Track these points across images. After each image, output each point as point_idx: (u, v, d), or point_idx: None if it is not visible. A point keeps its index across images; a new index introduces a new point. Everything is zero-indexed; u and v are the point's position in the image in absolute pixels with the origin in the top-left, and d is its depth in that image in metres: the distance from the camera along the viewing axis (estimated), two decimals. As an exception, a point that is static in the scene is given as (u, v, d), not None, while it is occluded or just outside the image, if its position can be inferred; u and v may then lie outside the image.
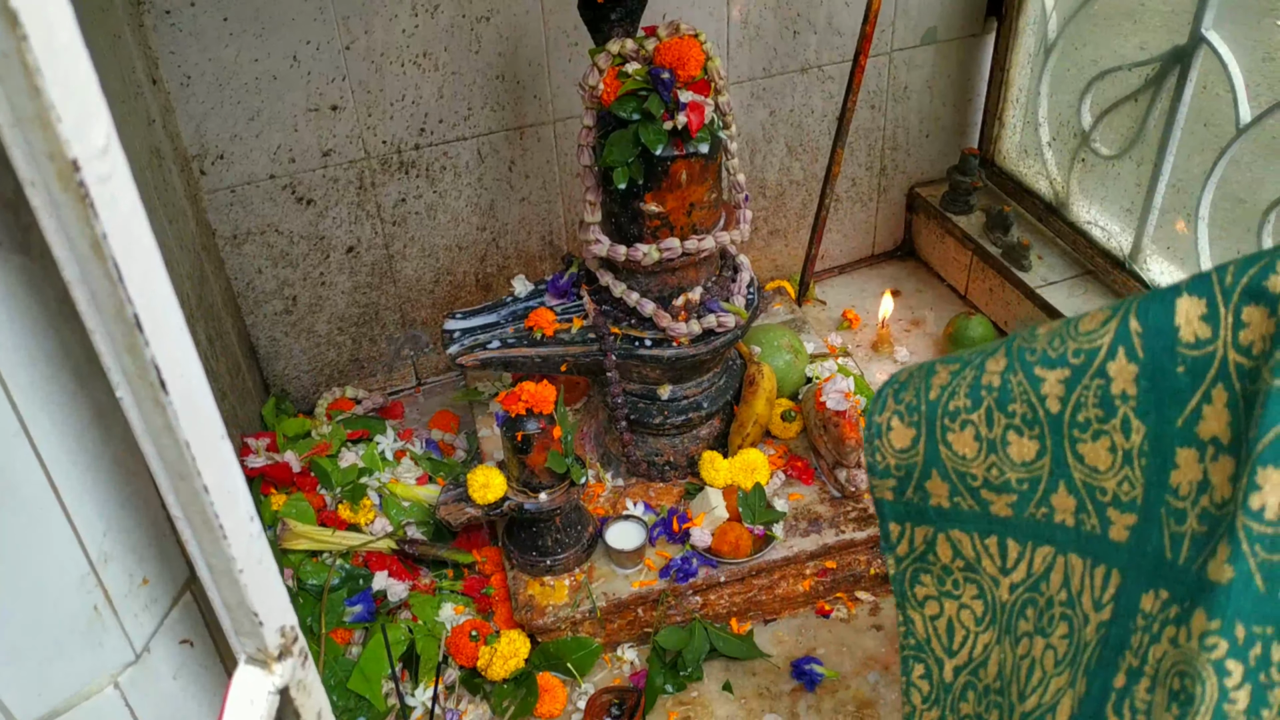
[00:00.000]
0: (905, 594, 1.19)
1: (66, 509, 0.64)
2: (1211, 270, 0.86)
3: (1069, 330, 0.96)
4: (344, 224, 2.14)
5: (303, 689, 0.57)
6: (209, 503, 0.49)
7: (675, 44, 1.62)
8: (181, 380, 0.45)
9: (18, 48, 0.35)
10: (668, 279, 1.79)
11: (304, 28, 1.89)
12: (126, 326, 0.42)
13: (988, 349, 1.04)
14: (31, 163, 0.48)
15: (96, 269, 0.41)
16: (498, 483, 1.76)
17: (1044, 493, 1.02)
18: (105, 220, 0.40)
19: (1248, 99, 1.87)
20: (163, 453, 0.47)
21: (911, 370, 1.12)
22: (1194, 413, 0.88)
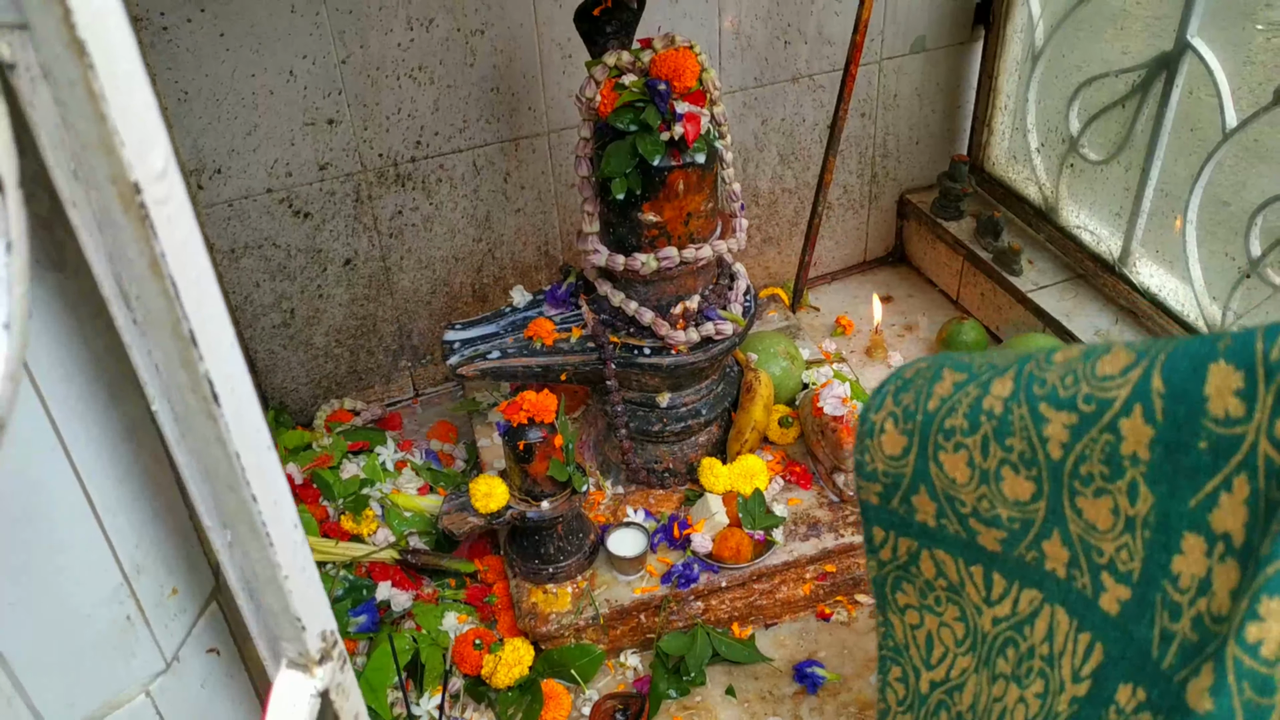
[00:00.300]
0: (886, 598, 1.12)
1: (101, 521, 0.66)
2: (1258, 335, 0.73)
3: (1086, 369, 0.85)
4: (341, 237, 2.15)
5: (342, 692, 0.59)
6: (257, 511, 0.50)
7: (671, 56, 1.64)
8: (232, 394, 0.47)
9: (84, 75, 0.37)
10: (666, 288, 1.81)
11: (300, 43, 1.91)
12: (182, 342, 0.44)
13: (998, 364, 0.94)
14: (79, 184, 0.49)
15: (153, 287, 0.42)
16: (500, 492, 1.78)
17: (1036, 536, 0.92)
18: (164, 240, 0.41)
19: (1233, 104, 1.90)
20: (211, 464, 0.49)
21: (919, 368, 1.02)
22: (1210, 497, 0.77)
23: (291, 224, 2.09)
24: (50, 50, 0.37)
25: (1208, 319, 2.06)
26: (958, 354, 1.03)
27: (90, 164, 0.39)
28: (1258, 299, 1.94)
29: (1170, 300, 2.14)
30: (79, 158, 0.42)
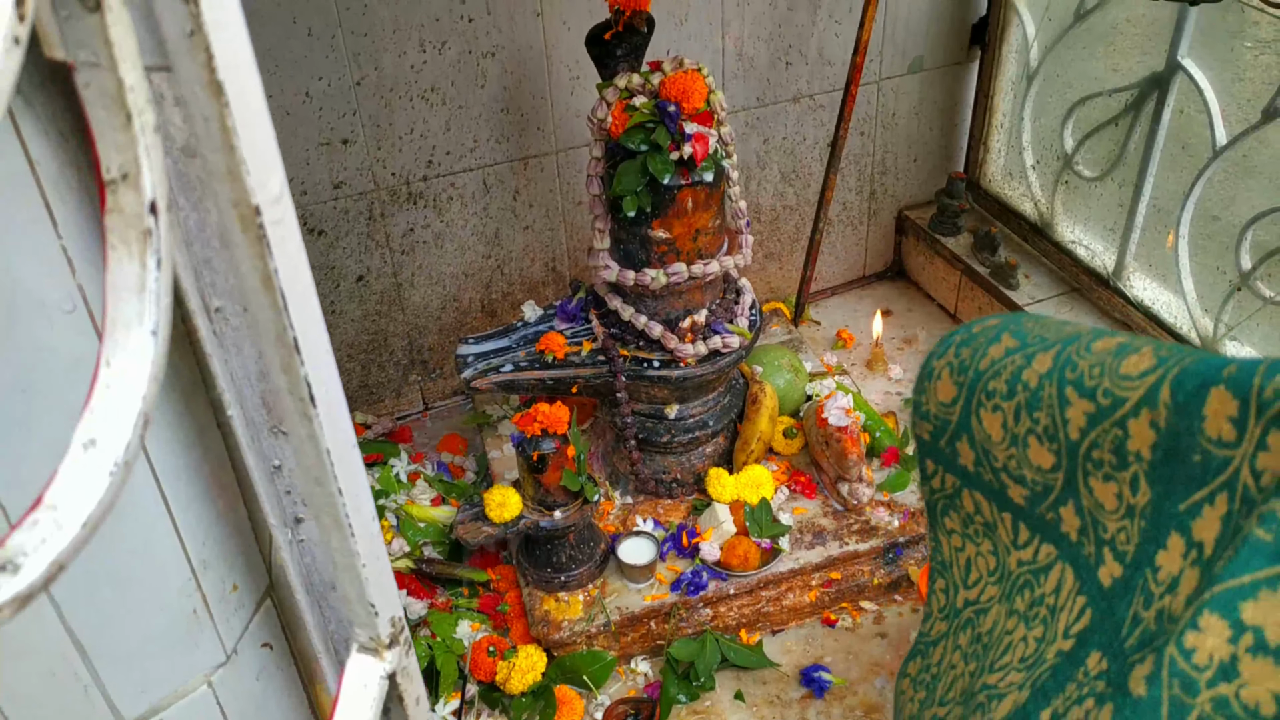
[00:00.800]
0: (937, 520, 1.20)
1: (175, 519, 0.70)
2: (1261, 368, 0.79)
3: (1112, 365, 0.92)
4: (354, 254, 2.20)
5: (407, 675, 0.63)
6: (342, 504, 0.55)
7: (680, 78, 1.70)
8: (327, 397, 0.52)
9: (219, 112, 0.41)
10: (674, 302, 1.86)
11: (316, 65, 1.96)
12: (286, 349, 0.49)
13: (1049, 339, 1.01)
14: (181, 223, 0.54)
15: (264, 299, 0.47)
16: (514, 501, 1.82)
17: (1055, 502, 1.00)
18: (277, 257, 0.46)
19: (1223, 122, 1.96)
20: (303, 460, 0.53)
21: (986, 325, 1.10)
22: (1196, 506, 0.84)
23: (306, 241, 2.13)
24: (190, 89, 0.42)
25: (1200, 331, 2.11)
26: (1026, 317, 1.10)
27: (214, 188, 0.44)
28: (1249, 311, 2.00)
29: (1163, 313, 2.20)
30: (202, 184, 0.47)
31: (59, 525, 0.40)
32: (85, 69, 0.39)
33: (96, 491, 0.41)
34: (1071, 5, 2.24)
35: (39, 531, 0.40)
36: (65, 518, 0.41)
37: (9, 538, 0.40)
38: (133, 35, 0.39)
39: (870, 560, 1.97)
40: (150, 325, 0.42)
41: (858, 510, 1.98)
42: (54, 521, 0.40)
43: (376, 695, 0.61)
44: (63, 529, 0.41)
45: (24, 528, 0.40)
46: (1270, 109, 1.86)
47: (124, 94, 0.39)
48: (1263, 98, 1.87)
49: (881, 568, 1.98)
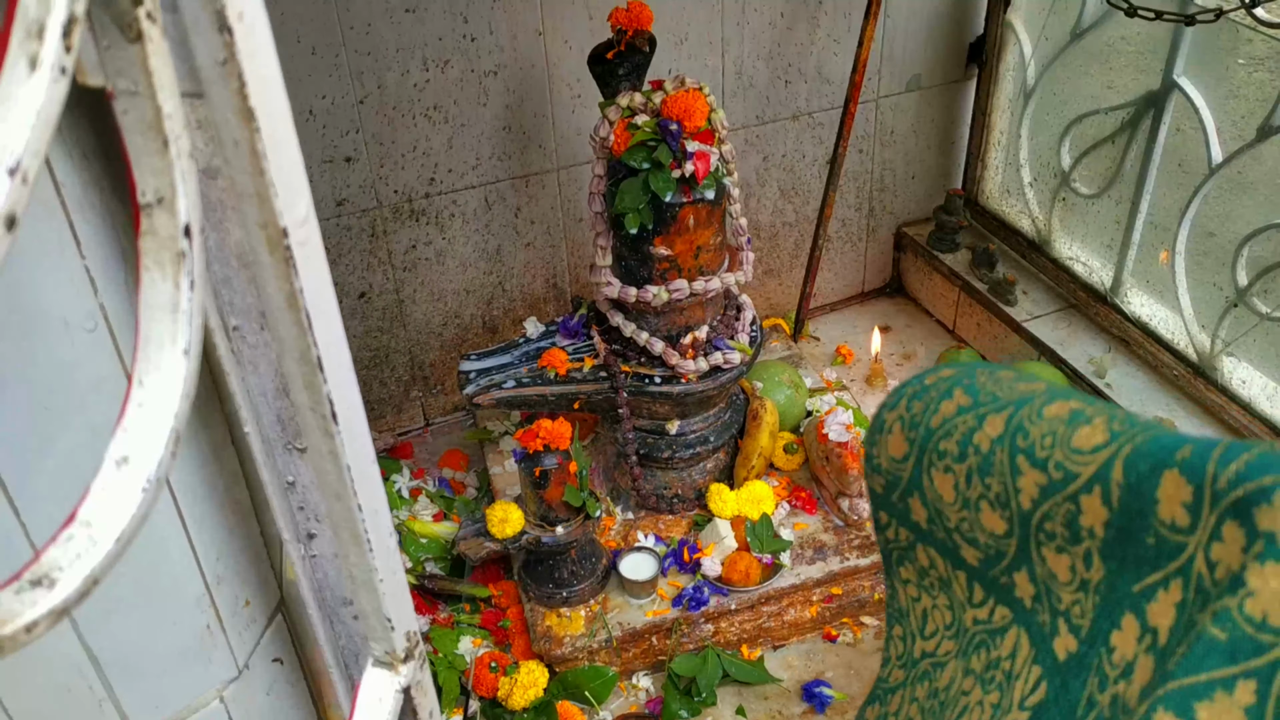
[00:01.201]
0: (891, 568, 1.17)
1: (190, 534, 0.71)
2: (1213, 457, 0.77)
3: (1065, 436, 0.89)
4: (356, 270, 2.21)
5: (421, 689, 0.64)
6: (360, 519, 0.56)
7: (682, 97, 1.71)
8: (348, 412, 0.53)
9: (250, 137, 0.43)
10: (675, 319, 1.87)
11: (319, 83, 1.97)
12: (309, 367, 0.50)
13: (1001, 399, 0.98)
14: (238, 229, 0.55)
15: (288, 318, 0.48)
16: (516, 517, 1.83)
17: (1008, 567, 0.97)
18: (303, 277, 0.47)
19: (1218, 140, 1.98)
20: (322, 476, 0.54)
21: (939, 377, 1.06)
22: (1150, 589, 0.82)
23: (309, 258, 2.15)
24: (222, 115, 0.43)
25: (1197, 347, 2.13)
26: (980, 370, 1.07)
27: (243, 211, 0.45)
28: (1245, 326, 2.01)
29: (1161, 329, 2.22)
30: (224, 205, 0.48)
31: (93, 541, 0.41)
32: (124, 97, 0.41)
33: (129, 508, 0.42)
34: (1068, 24, 2.26)
35: (73, 547, 0.41)
36: (99, 534, 0.42)
37: (44, 553, 0.41)
38: (170, 64, 0.40)
39: (871, 575, 1.97)
40: (183, 345, 0.43)
41: (858, 525, 1.99)
42: (88, 537, 0.41)
43: (392, 709, 0.61)
44: (97, 544, 0.41)
45: (59, 543, 0.41)
46: (1265, 127, 1.87)
47: (161, 121, 0.41)
48: (1257, 114, 1.89)
49: (882, 583, 1.98)
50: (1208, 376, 2.11)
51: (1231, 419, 2.07)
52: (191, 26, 0.41)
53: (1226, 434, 2.08)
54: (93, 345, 0.62)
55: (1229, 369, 2.08)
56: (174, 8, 0.41)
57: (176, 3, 0.41)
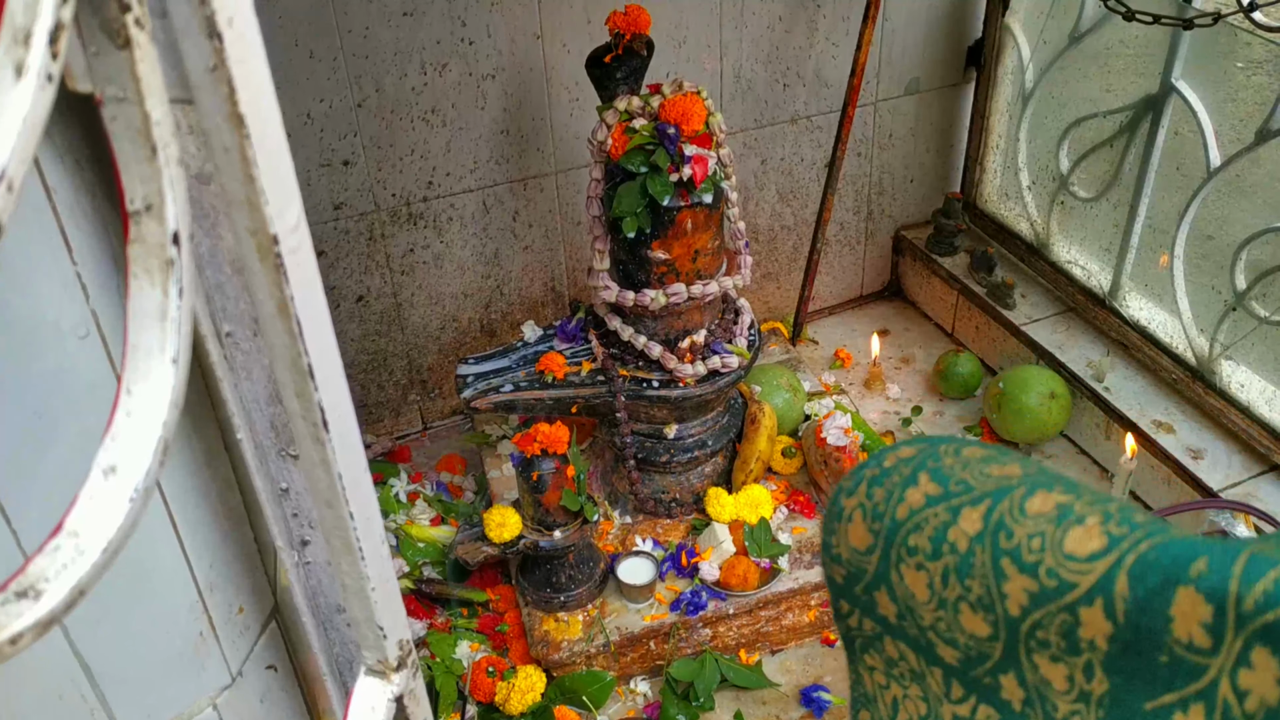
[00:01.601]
0: (855, 655, 1.04)
1: (182, 541, 0.71)
2: (1234, 575, 0.69)
3: (1055, 539, 0.80)
4: (354, 274, 2.21)
5: (414, 698, 0.63)
6: (353, 527, 0.55)
7: (679, 101, 1.71)
8: (339, 420, 0.52)
9: (240, 144, 0.42)
10: (673, 323, 1.87)
11: (317, 86, 1.97)
12: (300, 375, 0.49)
13: (975, 489, 0.87)
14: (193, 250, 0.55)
15: (279, 325, 0.48)
16: (513, 521, 1.82)
17: (993, 669, 0.87)
18: (293, 284, 0.47)
19: (1217, 144, 1.98)
20: (314, 484, 0.54)
21: (900, 458, 0.95)
22: (1165, 709, 0.73)
23: (306, 262, 2.14)
24: (212, 121, 0.43)
25: (1196, 351, 2.12)
26: (945, 448, 0.95)
27: (233, 217, 0.45)
28: (1244, 330, 2.01)
29: (1159, 333, 2.21)
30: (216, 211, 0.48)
31: (80, 551, 0.41)
32: (112, 103, 0.40)
33: (117, 518, 0.42)
34: (1066, 28, 2.26)
35: (60, 557, 0.41)
36: (86, 544, 0.41)
37: (30, 564, 0.41)
38: (159, 71, 0.40)
39: (869, 580, 1.97)
40: (171, 353, 0.42)
41: (856, 530, 1.98)
42: (75, 548, 0.41)
43: (384, 718, 0.61)
44: (84, 555, 0.41)
45: (45, 553, 0.41)
46: (1264, 130, 1.87)
47: (150, 127, 0.40)
48: (1256, 118, 1.89)
49: (880, 587, 1.98)
50: (1206, 380, 2.11)
51: (1230, 422, 2.06)
52: (181, 32, 0.41)
53: (1225, 437, 2.08)
54: (85, 351, 0.62)
55: (1228, 372, 2.08)
56: (163, 13, 0.41)
57: (166, 8, 0.41)
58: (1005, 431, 2.30)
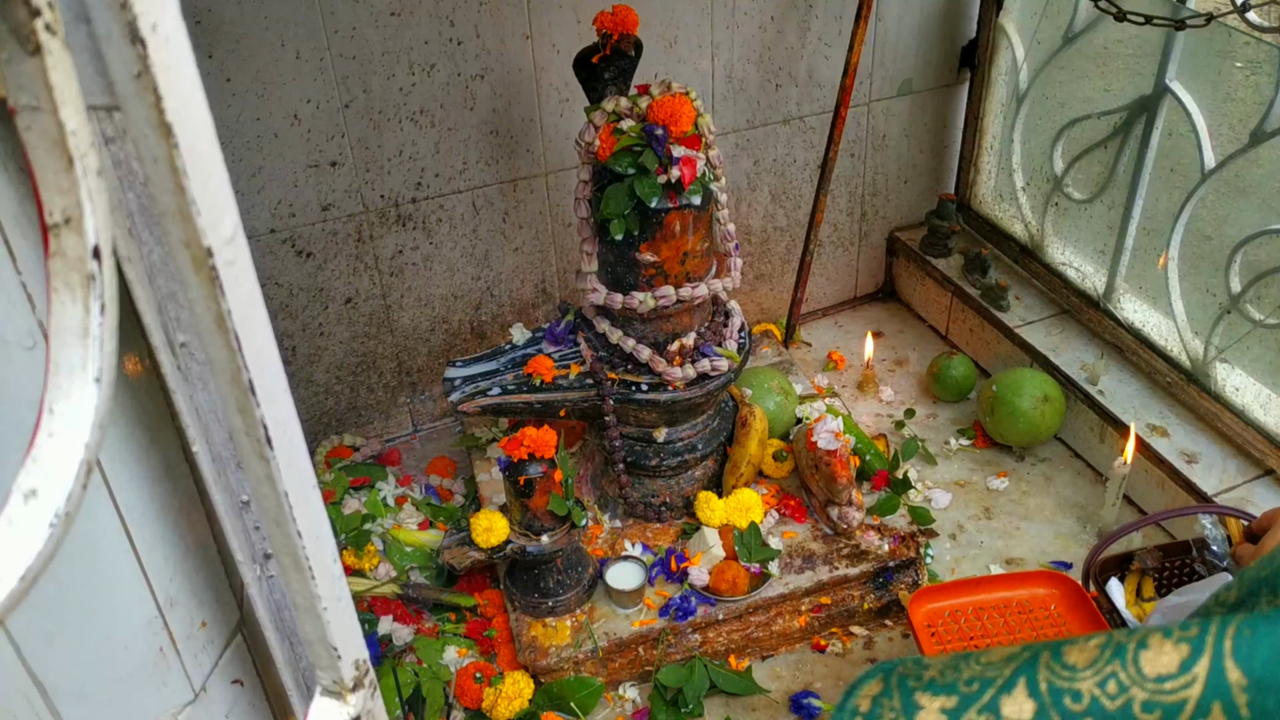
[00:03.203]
0: None
1: (140, 557, 0.69)
2: None
3: (1131, 672, 0.71)
4: (342, 276, 2.19)
5: (371, 718, 0.62)
6: (301, 546, 0.54)
7: (668, 102, 1.69)
8: (284, 437, 0.51)
9: (169, 154, 0.41)
10: (663, 325, 1.85)
11: (304, 87, 1.95)
12: (241, 391, 0.48)
13: (990, 677, 0.78)
14: (133, 241, 0.53)
15: (218, 340, 0.46)
16: (500, 526, 1.81)
17: None
18: (230, 298, 0.45)
19: (1211, 146, 1.96)
20: (261, 501, 0.52)
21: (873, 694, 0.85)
22: None
23: (294, 263, 2.13)
24: (139, 130, 0.41)
25: (1190, 354, 2.11)
26: (908, 666, 0.86)
27: (166, 229, 0.43)
28: (1239, 333, 1.99)
29: (1154, 335, 2.20)
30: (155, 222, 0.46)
31: (-4, 579, 0.40)
32: (26, 112, 0.39)
33: (36, 544, 0.40)
34: (1060, 28, 2.24)
35: (-25, 585, 0.39)
36: (3, 571, 0.40)
37: (-55, 591, 0.39)
38: (74, 79, 0.39)
39: (860, 585, 1.95)
40: (94, 372, 0.41)
41: (848, 534, 1.97)
42: (-8, 575, 0.40)
43: (341, 740, 0.60)
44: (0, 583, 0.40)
45: (-40, 580, 0.39)
46: (1258, 132, 1.85)
47: (65, 138, 0.39)
48: (1252, 117, 1.87)
49: (872, 592, 1.96)
50: (1201, 384, 2.09)
51: (1225, 426, 2.05)
52: (103, 38, 0.39)
53: (1219, 441, 2.06)
54: (31, 363, 0.60)
55: (1222, 376, 2.06)
56: (85, 18, 0.39)
57: (88, 12, 0.39)
58: (998, 434, 2.28)
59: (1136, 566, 1.76)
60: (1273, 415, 1.99)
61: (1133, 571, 1.76)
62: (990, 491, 2.23)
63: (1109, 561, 1.76)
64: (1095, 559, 1.74)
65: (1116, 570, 1.77)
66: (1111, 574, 1.76)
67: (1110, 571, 1.76)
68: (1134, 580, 1.76)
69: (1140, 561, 1.75)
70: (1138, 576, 1.76)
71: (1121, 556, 1.77)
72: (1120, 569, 1.77)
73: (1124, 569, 1.77)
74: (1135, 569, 1.76)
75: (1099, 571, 1.75)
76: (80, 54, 0.40)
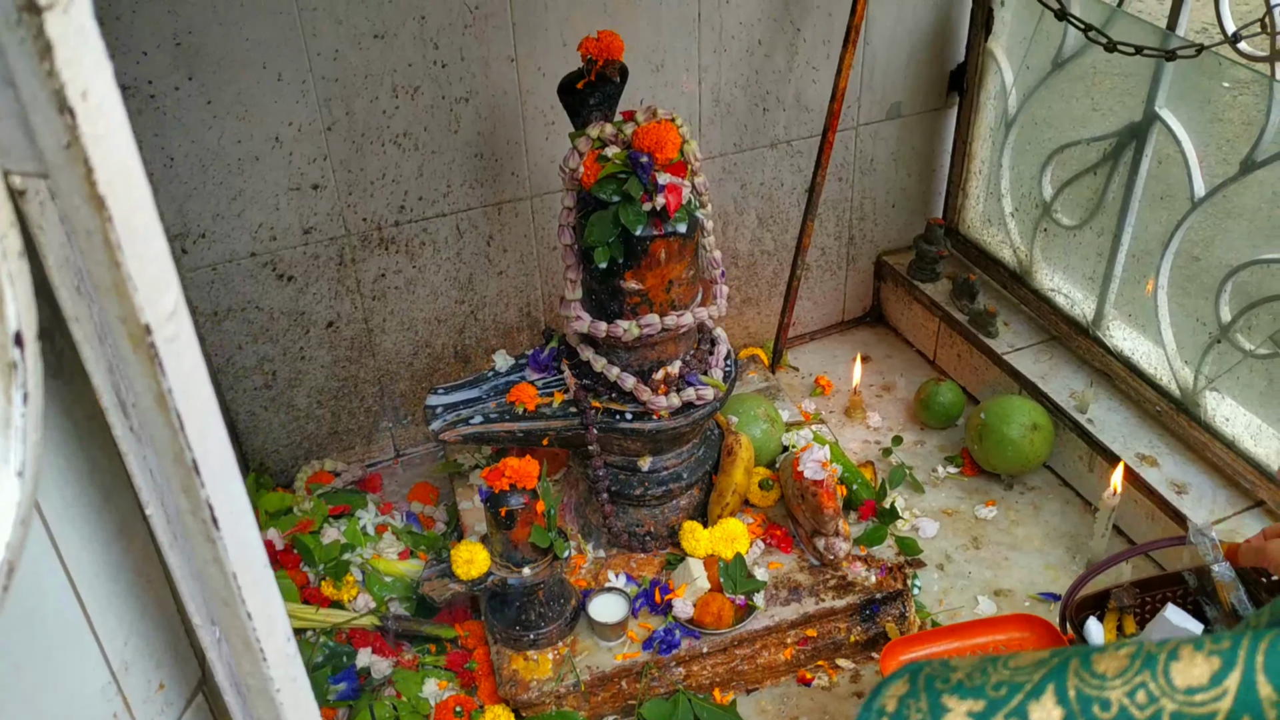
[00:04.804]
0: None
1: (91, 622, 0.66)
2: None
3: (1161, 684, 0.73)
4: (324, 299, 2.16)
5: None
6: (252, 628, 0.51)
7: (653, 128, 1.67)
8: (231, 517, 0.48)
9: (102, 227, 0.38)
10: (647, 353, 1.82)
11: (286, 110, 1.93)
12: (184, 470, 0.45)
13: (1018, 682, 0.79)
14: (81, 299, 0.51)
15: (159, 418, 0.43)
16: (481, 558, 1.77)
17: None
18: (170, 376, 0.42)
19: (1201, 173, 1.95)
20: (210, 581, 0.50)
21: (899, 695, 0.86)
22: None
23: (275, 287, 2.10)
24: (70, 201, 0.38)
25: (1180, 382, 2.09)
26: (936, 667, 0.87)
27: (103, 304, 0.41)
28: (1229, 363, 1.98)
29: (1143, 363, 2.18)
30: (92, 294, 0.43)
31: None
32: (-60, 190, 0.36)
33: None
34: (1049, 53, 2.23)
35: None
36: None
37: None
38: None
39: (847, 617, 1.92)
40: (16, 465, 0.38)
41: (834, 565, 1.94)
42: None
43: (297, 822, 0.57)
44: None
45: None
46: (1248, 161, 1.84)
47: (-19, 219, 0.36)
48: (1243, 138, 1.85)
49: (858, 625, 1.94)
50: (1191, 413, 2.07)
51: (1215, 456, 2.03)
52: (30, 105, 0.36)
53: (1209, 472, 2.04)
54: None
55: (1212, 405, 2.04)
56: (10, 82, 0.37)
57: (13, 77, 0.36)
58: (986, 463, 2.26)
59: (1114, 605, 1.72)
60: (1263, 446, 1.97)
61: (1111, 610, 1.73)
62: (978, 520, 2.21)
63: (1087, 600, 1.72)
64: (1071, 599, 1.70)
65: (1095, 609, 1.73)
66: (1090, 613, 1.72)
67: (1088, 610, 1.72)
68: (1114, 619, 1.73)
69: (1116, 600, 1.71)
70: (1116, 615, 1.72)
71: (1099, 594, 1.73)
72: (1098, 607, 1.73)
73: (1103, 607, 1.73)
74: (1113, 607, 1.72)
75: (1076, 613, 1.71)
76: (5, 119, 0.37)
